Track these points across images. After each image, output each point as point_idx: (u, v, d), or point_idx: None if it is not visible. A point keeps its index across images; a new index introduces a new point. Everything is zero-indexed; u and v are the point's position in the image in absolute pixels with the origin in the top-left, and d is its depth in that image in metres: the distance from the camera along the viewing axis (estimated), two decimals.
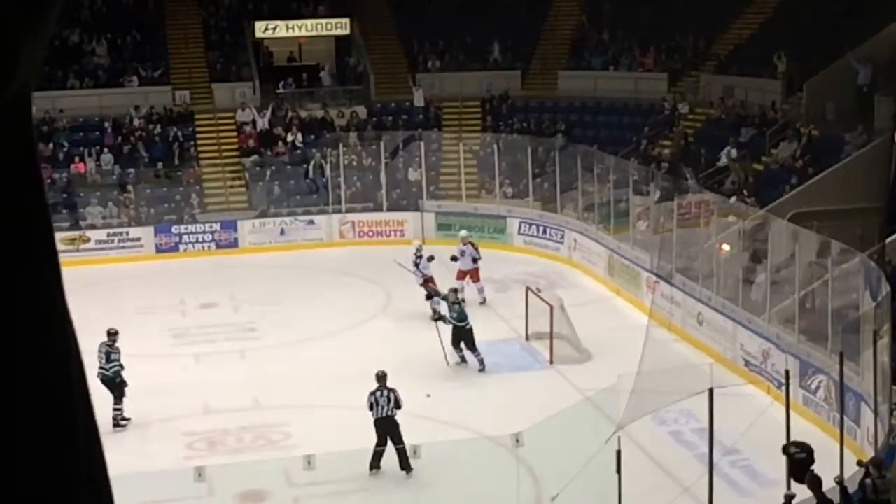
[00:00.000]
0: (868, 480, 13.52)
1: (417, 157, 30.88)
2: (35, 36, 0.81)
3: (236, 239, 28.79)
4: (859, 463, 14.14)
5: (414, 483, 13.47)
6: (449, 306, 19.95)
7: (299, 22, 35.69)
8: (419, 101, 33.97)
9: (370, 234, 29.54)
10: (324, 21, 35.86)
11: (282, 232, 28.89)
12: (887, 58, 26.51)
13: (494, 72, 35.06)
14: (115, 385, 17.20)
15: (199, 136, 32.60)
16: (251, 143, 32.38)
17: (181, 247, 28.64)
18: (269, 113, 32.87)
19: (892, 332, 16.51)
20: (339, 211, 29.90)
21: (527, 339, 20.98)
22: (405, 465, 15.34)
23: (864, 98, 27.16)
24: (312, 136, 32.36)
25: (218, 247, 28.61)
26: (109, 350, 17.28)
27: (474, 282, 23.49)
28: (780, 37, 30.79)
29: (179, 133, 32.14)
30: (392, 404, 15.66)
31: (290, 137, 32.41)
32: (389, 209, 30.05)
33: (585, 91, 33.82)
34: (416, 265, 22.57)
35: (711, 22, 33.25)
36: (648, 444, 15.88)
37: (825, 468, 14.14)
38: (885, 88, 25.76)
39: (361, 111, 33.67)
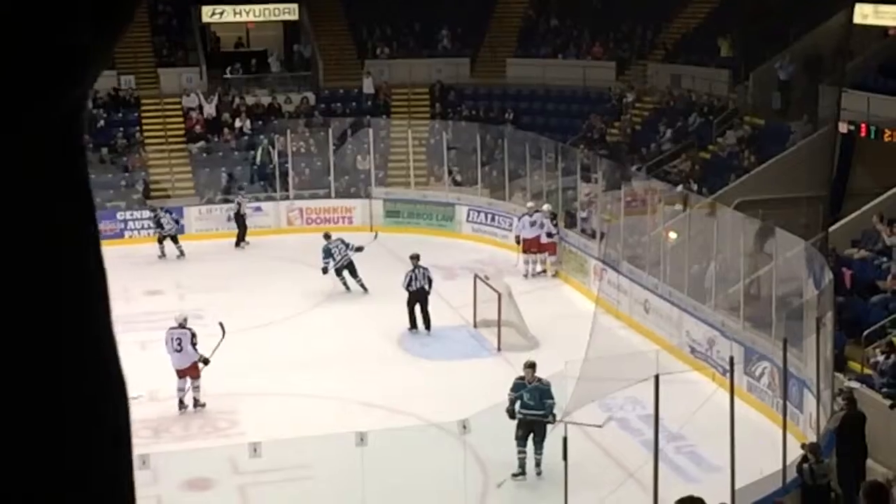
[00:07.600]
0: (806, 465, 13.66)
1: (366, 144, 30.76)
2: (104, 59, 0.82)
3: (183, 226, 28.50)
4: (803, 446, 14.29)
5: (360, 469, 13.44)
6: (521, 388, 15.14)
7: (247, 7, 35.32)
8: (368, 87, 33.84)
9: (318, 220, 29.38)
10: (272, 6, 35.52)
11: (229, 219, 28.62)
12: (832, 49, 26.79)
13: (443, 59, 35.00)
14: (350, 266, 22.71)
15: (144, 121, 32.25)
16: (198, 129, 32.09)
17: (126, 233, 28.34)
18: (216, 99, 32.58)
19: (835, 320, 16.71)
20: (287, 198, 29.74)
21: (475, 326, 21.00)
22: (428, 326, 20.29)
23: (787, 91, 28.15)
24: (260, 123, 32.14)
25: None
26: (343, 243, 22.90)
27: (550, 254, 24.39)
28: (728, 26, 31.01)
29: (125, 118, 31.79)
30: (425, 280, 20.15)
31: (237, 124, 32.16)
32: (338, 196, 29.93)
33: (534, 79, 33.86)
34: (533, 223, 24.44)
35: (659, 11, 33.44)
36: (594, 430, 15.95)
37: (769, 453, 14.32)
38: (829, 78, 26.04)
39: (310, 97, 33.48)
